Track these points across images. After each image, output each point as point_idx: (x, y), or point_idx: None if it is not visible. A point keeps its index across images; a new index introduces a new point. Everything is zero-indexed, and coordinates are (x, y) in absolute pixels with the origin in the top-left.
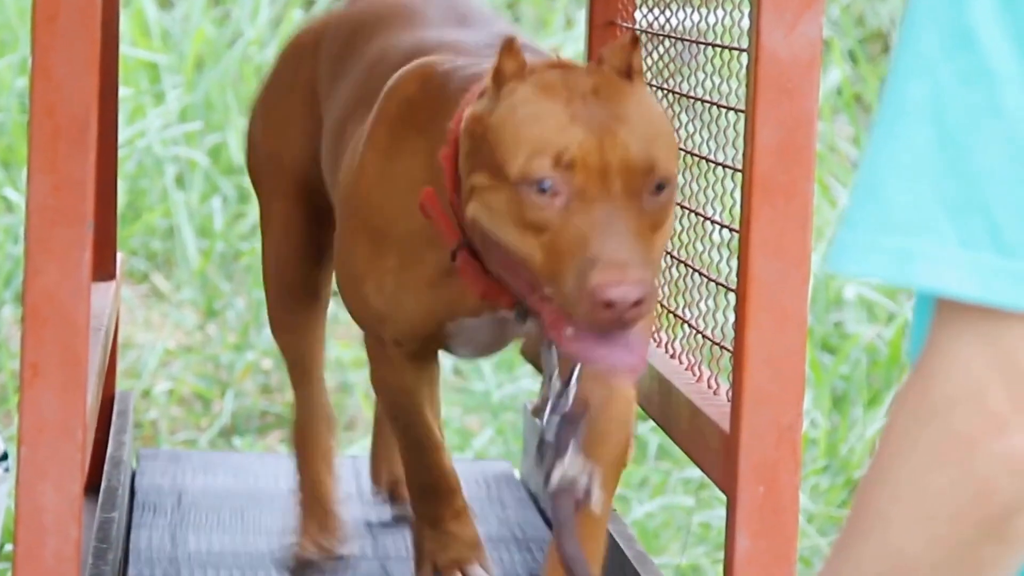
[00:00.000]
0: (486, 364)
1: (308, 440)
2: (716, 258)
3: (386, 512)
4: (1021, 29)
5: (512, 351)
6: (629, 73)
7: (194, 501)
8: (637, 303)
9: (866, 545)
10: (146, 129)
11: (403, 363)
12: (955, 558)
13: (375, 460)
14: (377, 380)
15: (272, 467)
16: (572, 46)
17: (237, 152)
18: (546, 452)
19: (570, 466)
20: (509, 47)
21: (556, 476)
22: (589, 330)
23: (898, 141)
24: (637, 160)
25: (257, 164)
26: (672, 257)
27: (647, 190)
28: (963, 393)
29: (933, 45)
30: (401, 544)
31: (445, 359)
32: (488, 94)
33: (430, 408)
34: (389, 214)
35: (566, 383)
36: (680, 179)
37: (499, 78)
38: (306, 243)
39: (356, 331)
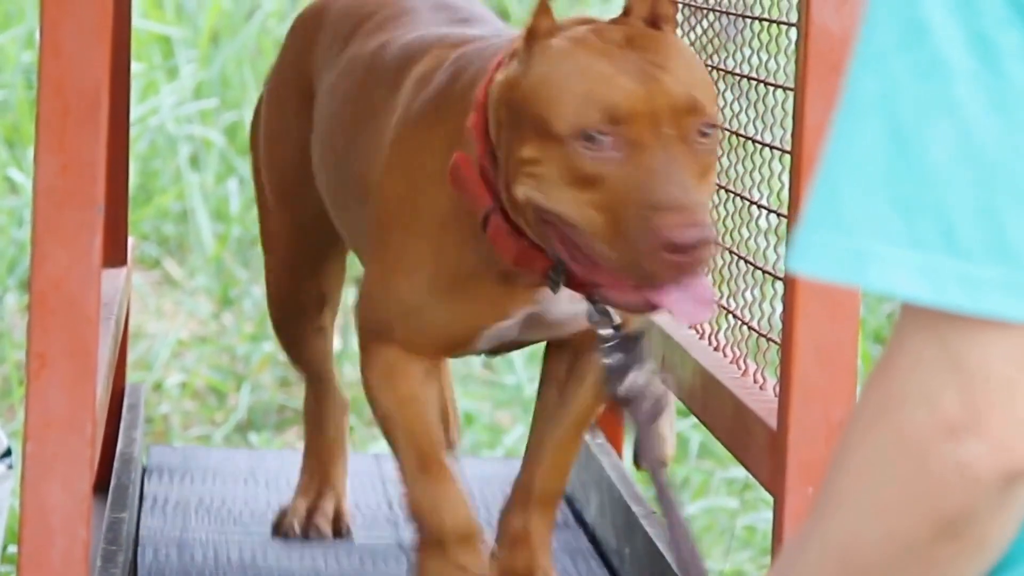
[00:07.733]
0: (517, 357)
1: (319, 419)
2: (763, 244)
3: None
4: (975, 22)
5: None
6: (656, 22)
7: (208, 501)
8: (702, 245)
9: (828, 526)
10: (159, 106)
11: (413, 364)
12: (911, 553)
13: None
14: (377, 387)
15: (290, 464)
16: None
17: None
18: (617, 363)
19: (642, 374)
20: (543, 6)
21: (629, 381)
22: (657, 278)
23: (851, 137)
24: (683, 103)
25: (258, 171)
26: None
27: (695, 133)
28: (915, 394)
29: (889, 38)
30: None
31: None
32: (519, 57)
33: (437, 421)
34: (418, 208)
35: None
36: (724, 161)
37: (532, 37)
38: (311, 255)
39: None
